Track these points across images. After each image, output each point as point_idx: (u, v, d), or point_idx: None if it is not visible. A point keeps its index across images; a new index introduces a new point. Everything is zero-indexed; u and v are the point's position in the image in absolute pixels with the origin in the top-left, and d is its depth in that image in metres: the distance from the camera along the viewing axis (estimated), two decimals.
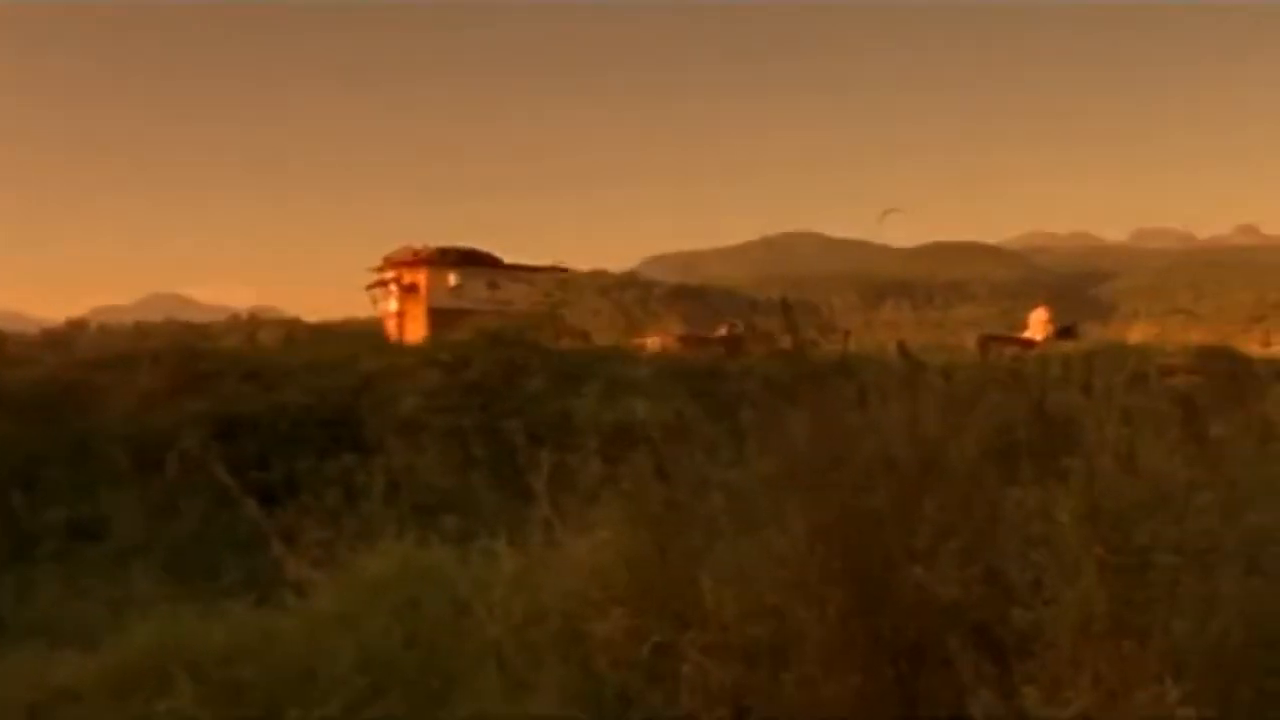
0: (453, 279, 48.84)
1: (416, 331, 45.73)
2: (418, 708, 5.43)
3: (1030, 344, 43.32)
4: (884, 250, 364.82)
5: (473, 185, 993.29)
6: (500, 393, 20.07)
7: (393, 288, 51.31)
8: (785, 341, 6.03)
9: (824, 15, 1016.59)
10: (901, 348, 6.96)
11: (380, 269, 53.48)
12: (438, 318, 44.73)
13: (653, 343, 44.59)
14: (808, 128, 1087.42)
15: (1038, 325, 53.44)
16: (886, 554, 4.94)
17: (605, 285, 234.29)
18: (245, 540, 9.97)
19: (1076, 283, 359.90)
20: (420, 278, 49.63)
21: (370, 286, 54.36)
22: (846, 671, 4.76)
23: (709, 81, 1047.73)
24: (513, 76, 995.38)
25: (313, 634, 5.97)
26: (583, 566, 5.71)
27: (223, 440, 17.95)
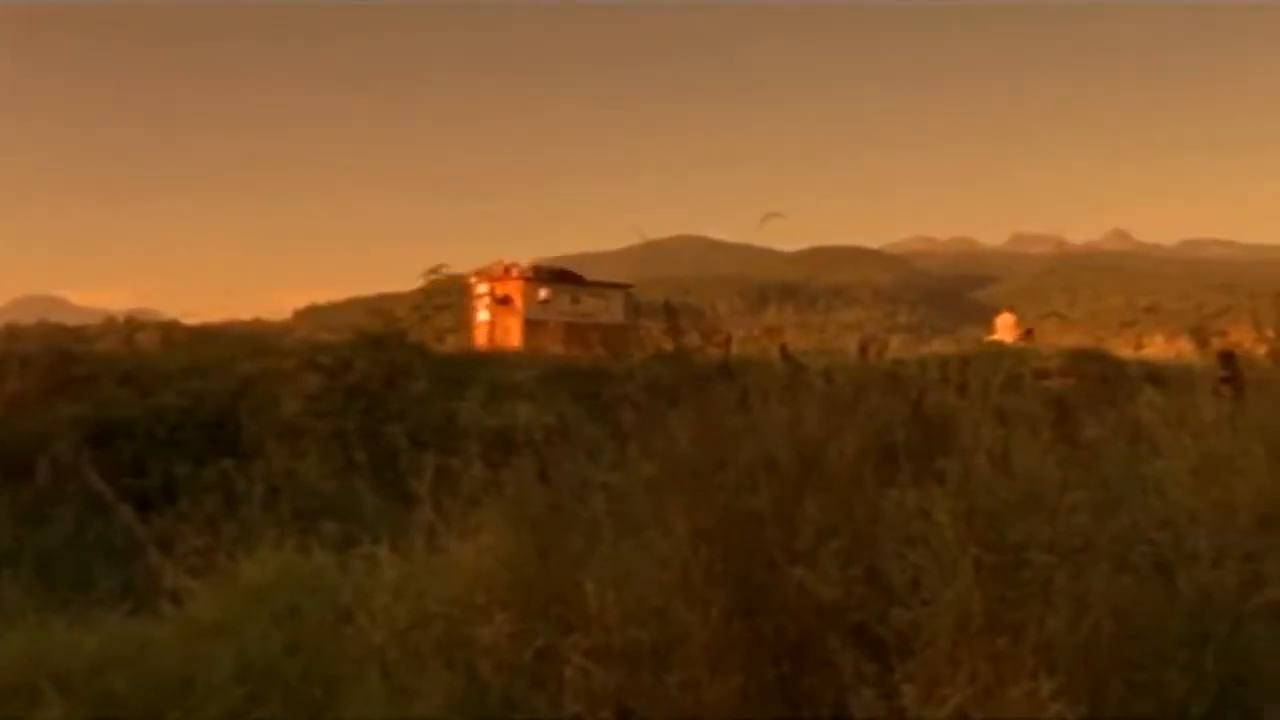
0: (544, 294, 51.56)
1: (509, 339, 48.29)
2: (299, 715, 5.35)
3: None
4: (768, 254, 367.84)
5: (353, 189, 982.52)
6: (382, 396, 19.86)
7: (485, 299, 53.45)
8: (668, 344, 6.05)
9: (703, 16, 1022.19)
10: (783, 350, 7.02)
11: (472, 281, 55.28)
12: (530, 327, 47.97)
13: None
14: (688, 131, 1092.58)
15: (1005, 329, 55.19)
16: (768, 555, 4.98)
17: None
18: (120, 548, 9.74)
19: (956, 286, 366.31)
20: (515, 291, 52.06)
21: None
22: (729, 672, 4.78)
23: (587, 85, 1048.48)
24: (397, 84, 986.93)
25: (190, 643, 5.85)
26: (466, 571, 5.67)
27: (97, 445, 17.54)
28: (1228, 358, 8.61)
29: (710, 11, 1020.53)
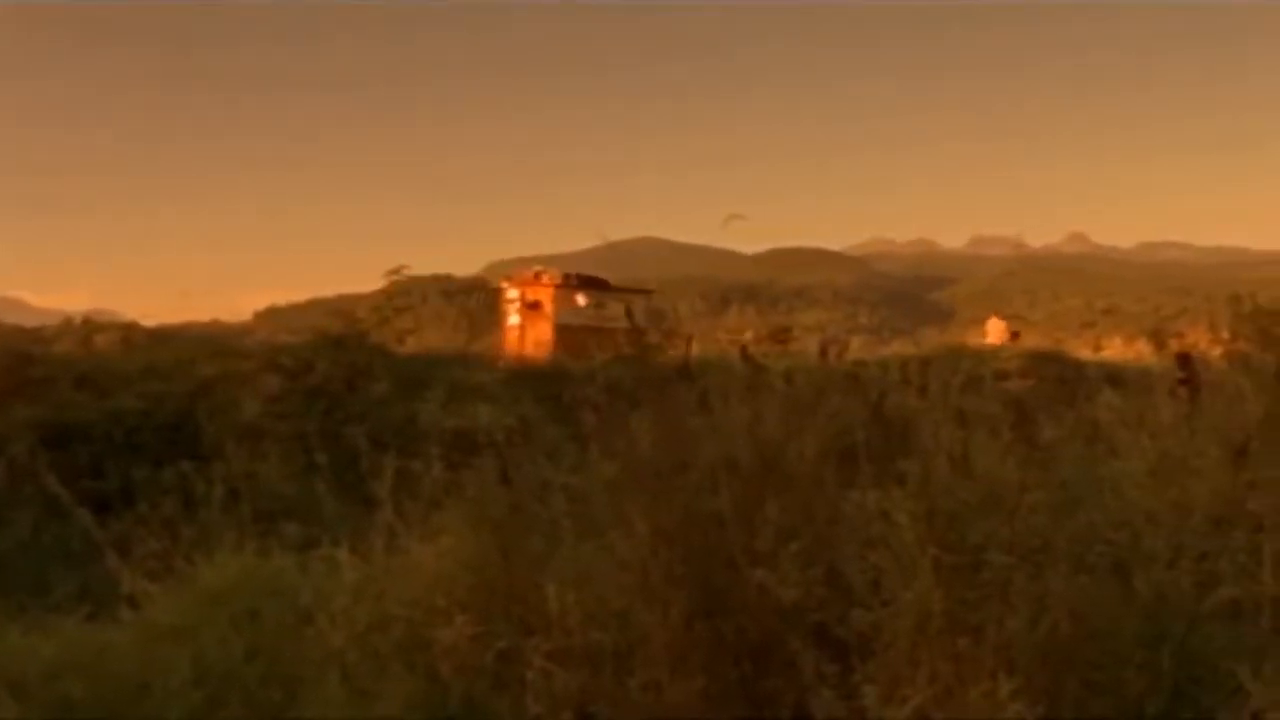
0: (582, 300, 54.02)
1: (540, 342, 50.23)
2: (258, 718, 5.33)
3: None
4: (729, 256, 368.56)
5: (313, 189, 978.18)
6: (343, 398, 19.73)
7: (516, 304, 55.60)
8: (629, 345, 6.07)
9: (662, 19, 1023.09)
10: (744, 352, 7.05)
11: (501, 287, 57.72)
12: (560, 332, 50.08)
13: None
14: (649, 133, 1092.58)
15: (995, 332, 56.06)
16: (729, 556, 4.99)
17: (451, 290, 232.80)
18: (77, 552, 9.65)
19: (916, 288, 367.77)
20: (545, 297, 54.11)
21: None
22: (691, 674, 4.79)
23: (548, 87, 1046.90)
24: (356, 85, 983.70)
25: (147, 647, 5.80)
26: (426, 573, 5.66)
27: (54, 448, 17.32)
28: (1184, 359, 8.71)
29: (670, 14, 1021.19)
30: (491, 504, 5.71)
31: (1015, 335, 54.74)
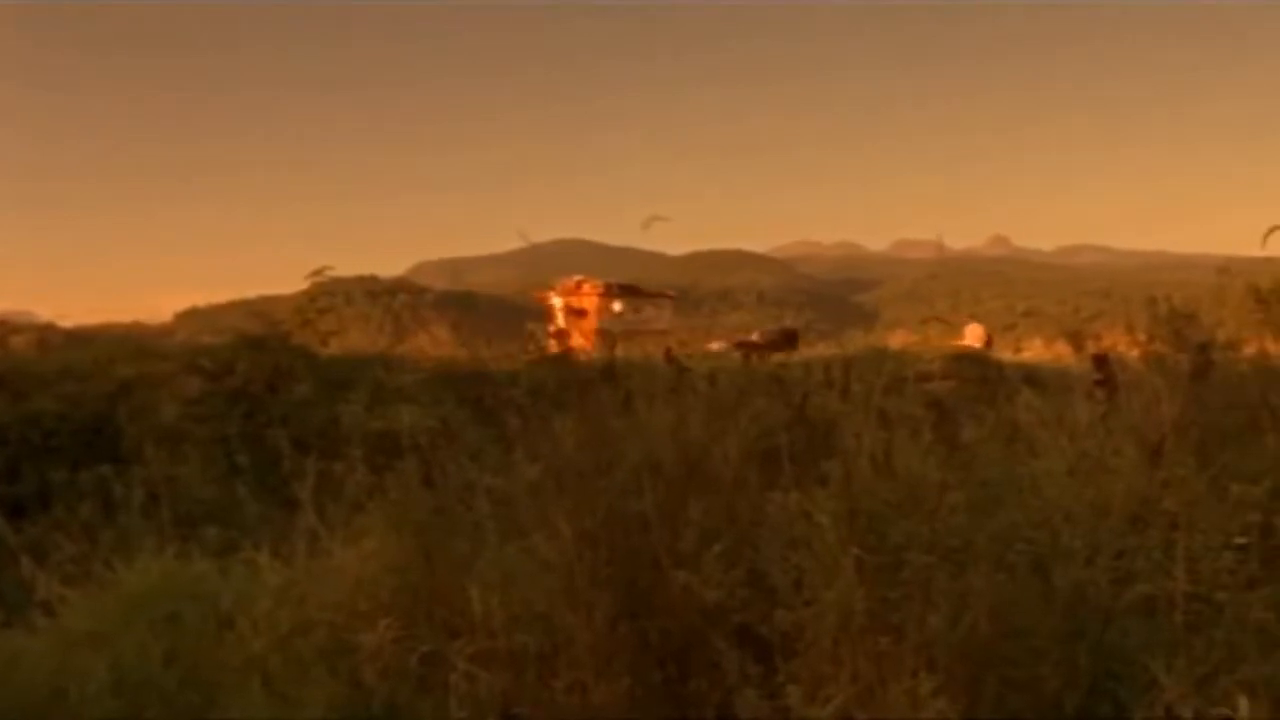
0: (618, 306, 57.12)
1: (585, 344, 52.36)
2: None
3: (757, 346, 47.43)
4: (654, 257, 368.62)
5: (233, 191, 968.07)
6: (264, 400, 19.54)
7: (562, 311, 58.55)
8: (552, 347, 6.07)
9: (582, 19, 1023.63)
10: (668, 354, 7.06)
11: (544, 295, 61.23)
12: (602, 335, 52.58)
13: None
14: (570, 134, 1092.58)
15: (973, 336, 56.84)
16: (653, 558, 5.00)
17: (375, 291, 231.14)
18: None
19: (840, 290, 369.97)
20: (589, 304, 57.26)
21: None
22: (615, 675, 4.80)
23: (466, 88, 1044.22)
24: (268, 87, 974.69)
25: (63, 654, 5.72)
26: (349, 576, 5.63)
27: None
28: (1102, 361, 8.82)
29: (590, 15, 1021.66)
30: (415, 507, 5.69)
31: (989, 341, 55.54)
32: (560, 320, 59.24)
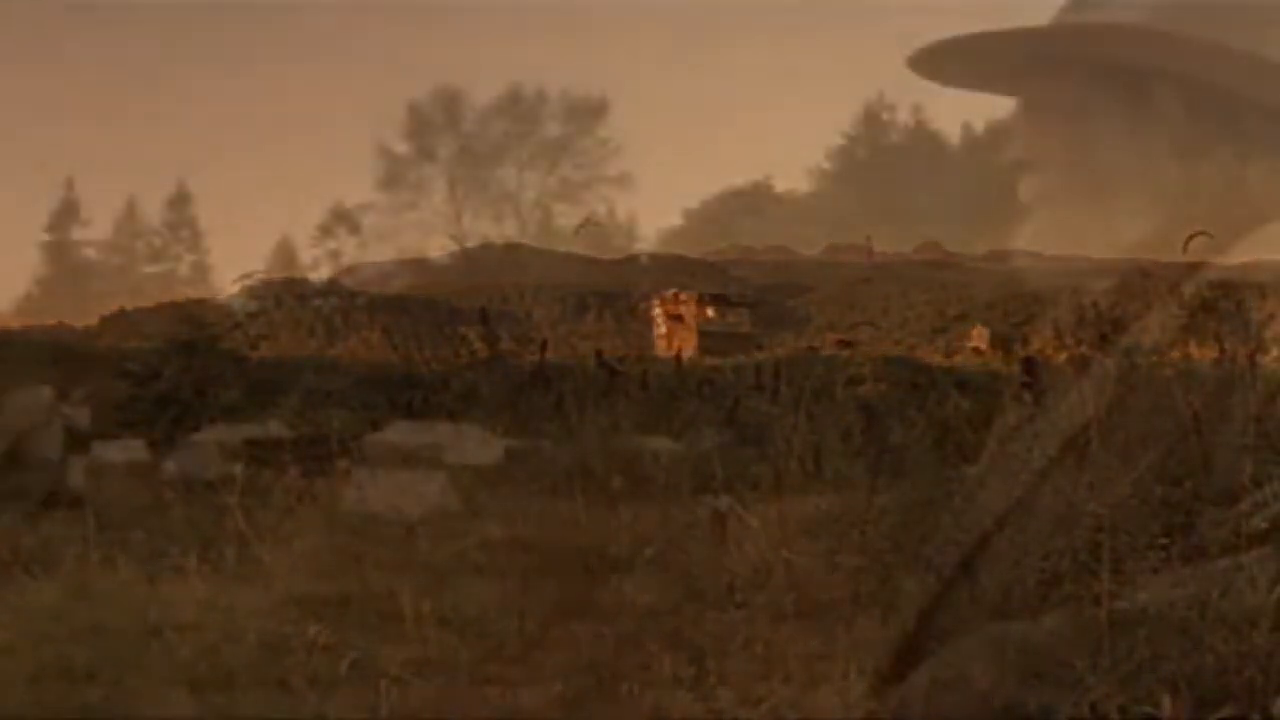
0: (711, 313, 58.56)
1: (685, 346, 53.39)
2: None
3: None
4: (588, 262, 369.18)
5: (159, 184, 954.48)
6: (193, 405, 19.34)
7: (663, 317, 59.33)
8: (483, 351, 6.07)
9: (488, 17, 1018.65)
10: (599, 357, 7.06)
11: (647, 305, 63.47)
12: (701, 337, 53.77)
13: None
14: None
15: (979, 339, 57.58)
16: (584, 562, 5.00)
17: (305, 294, 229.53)
18: None
19: (774, 295, 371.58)
20: (688, 313, 58.45)
21: None
22: (547, 680, 4.79)
23: (405, 91, 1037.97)
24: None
25: None
26: (278, 582, 5.58)
27: None
28: (1029, 364, 8.92)
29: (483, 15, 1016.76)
30: (346, 511, 5.66)
31: (978, 349, 56.42)
32: (663, 327, 60.72)
